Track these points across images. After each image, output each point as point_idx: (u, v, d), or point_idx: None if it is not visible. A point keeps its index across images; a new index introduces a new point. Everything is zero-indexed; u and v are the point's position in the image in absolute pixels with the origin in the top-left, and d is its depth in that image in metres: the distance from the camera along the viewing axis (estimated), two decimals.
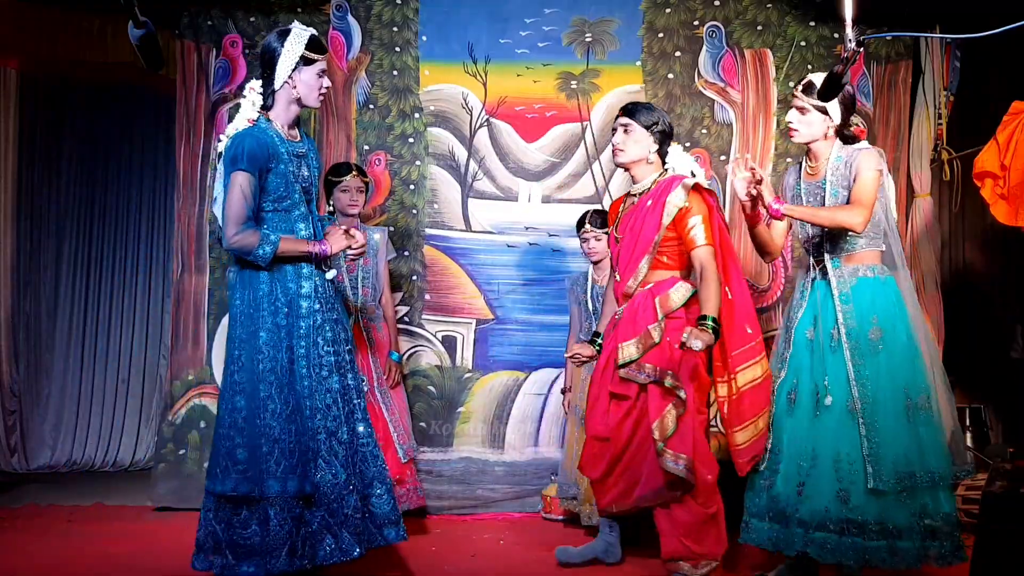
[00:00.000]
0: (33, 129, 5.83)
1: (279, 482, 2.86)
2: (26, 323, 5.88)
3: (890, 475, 2.93)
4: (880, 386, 3.01)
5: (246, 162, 2.88)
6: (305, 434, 2.91)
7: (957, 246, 5.17)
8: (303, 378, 2.94)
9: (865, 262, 3.15)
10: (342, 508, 2.93)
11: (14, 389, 5.74)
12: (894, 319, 3.07)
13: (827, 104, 3.09)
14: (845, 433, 3.01)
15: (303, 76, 2.99)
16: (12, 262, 5.66)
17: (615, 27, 4.82)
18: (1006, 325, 4.84)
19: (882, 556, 2.93)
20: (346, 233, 3.04)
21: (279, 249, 2.90)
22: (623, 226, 3.40)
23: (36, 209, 5.97)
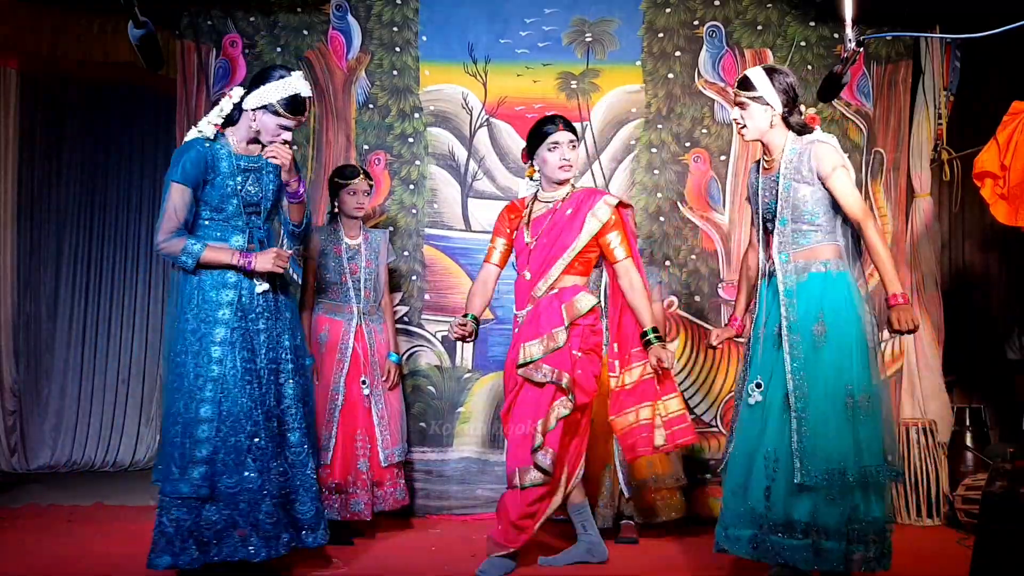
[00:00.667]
0: (33, 129, 5.83)
1: (171, 483, 2.99)
2: (26, 323, 5.88)
3: (819, 471, 2.85)
4: (818, 381, 2.93)
5: (180, 174, 3.04)
6: (199, 436, 3.00)
7: (957, 246, 5.17)
8: (209, 381, 3.03)
9: (818, 257, 3.05)
10: (253, 512, 3.02)
11: (14, 389, 5.74)
12: (843, 315, 2.97)
13: (764, 94, 3.06)
14: (778, 429, 2.96)
15: (265, 119, 3.10)
16: (12, 262, 5.65)
17: (615, 27, 4.82)
18: (1005, 326, 4.85)
19: (805, 557, 2.86)
20: (277, 256, 3.11)
21: (203, 257, 3.04)
22: (536, 229, 3.48)
23: (36, 209, 5.97)
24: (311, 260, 4.09)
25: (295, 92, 3.07)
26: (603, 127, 4.81)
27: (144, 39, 2.81)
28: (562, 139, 3.44)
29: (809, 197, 3.04)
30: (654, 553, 3.82)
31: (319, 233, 4.12)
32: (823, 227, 3.05)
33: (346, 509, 3.92)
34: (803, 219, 3.05)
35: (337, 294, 4.08)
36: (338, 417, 3.96)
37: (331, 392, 3.98)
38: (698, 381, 4.71)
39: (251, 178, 3.15)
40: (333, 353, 4.02)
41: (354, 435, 3.98)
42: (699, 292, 4.75)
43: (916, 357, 4.67)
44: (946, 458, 4.56)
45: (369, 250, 4.16)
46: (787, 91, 3.07)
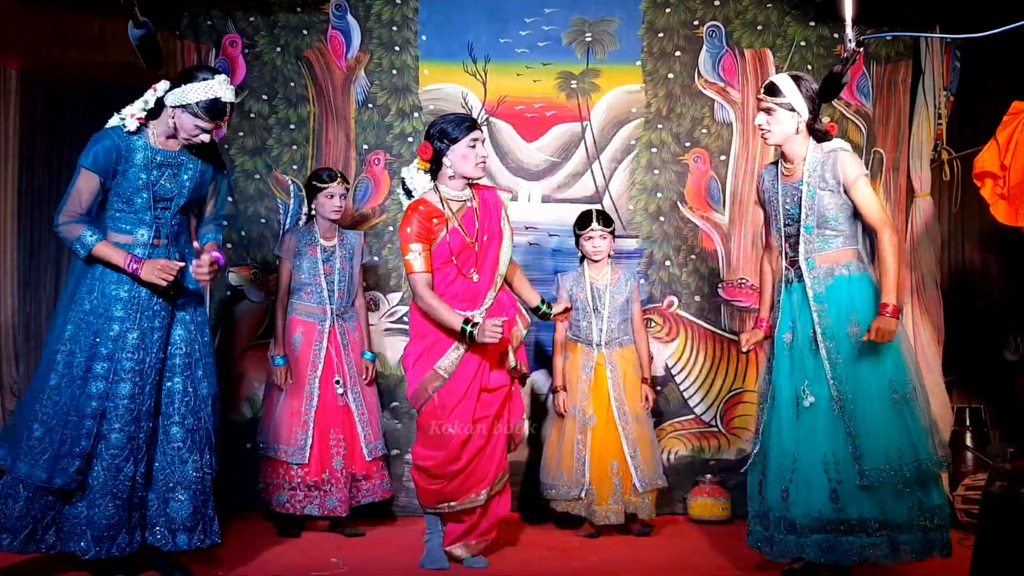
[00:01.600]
0: (33, 129, 5.81)
1: (31, 466, 2.96)
2: (26, 323, 5.86)
3: (879, 470, 2.94)
4: (862, 382, 3.02)
5: (91, 162, 3.05)
6: (82, 430, 2.99)
7: (957, 246, 5.16)
8: (98, 378, 3.02)
9: (840, 261, 3.14)
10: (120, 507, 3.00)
11: (14, 389, 5.74)
12: (874, 314, 3.03)
13: (792, 100, 3.12)
14: (831, 432, 3.01)
15: (183, 118, 3.08)
16: (13, 262, 5.64)
17: (615, 27, 4.81)
18: (1005, 326, 4.84)
19: (883, 552, 2.93)
20: (163, 268, 3.02)
21: (95, 250, 3.02)
22: (471, 230, 3.43)
23: (36, 209, 5.95)
24: (286, 261, 4.16)
25: (216, 96, 3.04)
26: (603, 127, 4.81)
27: (144, 39, 2.80)
28: (479, 137, 3.43)
29: (832, 204, 3.13)
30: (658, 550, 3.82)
31: (295, 235, 4.18)
32: (845, 232, 3.15)
33: (324, 506, 4.00)
34: (827, 225, 3.14)
35: (311, 295, 4.15)
36: (314, 417, 4.03)
37: (306, 393, 4.06)
38: (698, 381, 4.71)
39: (167, 173, 3.14)
40: (307, 355, 4.10)
41: (328, 435, 4.05)
42: (699, 292, 4.75)
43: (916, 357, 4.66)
44: None
45: (344, 251, 4.21)
46: (812, 98, 3.16)
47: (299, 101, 4.78)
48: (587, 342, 4.23)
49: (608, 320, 4.21)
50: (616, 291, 4.23)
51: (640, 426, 4.16)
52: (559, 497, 4.18)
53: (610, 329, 4.21)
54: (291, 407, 4.05)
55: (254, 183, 4.75)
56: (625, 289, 4.25)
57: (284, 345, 4.12)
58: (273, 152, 4.76)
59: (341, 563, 3.55)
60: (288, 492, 3.99)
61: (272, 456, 4.03)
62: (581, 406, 4.18)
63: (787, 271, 3.24)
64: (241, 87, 4.75)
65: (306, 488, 3.99)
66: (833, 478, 2.98)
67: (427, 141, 3.42)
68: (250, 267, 4.71)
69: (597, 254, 4.22)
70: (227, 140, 4.74)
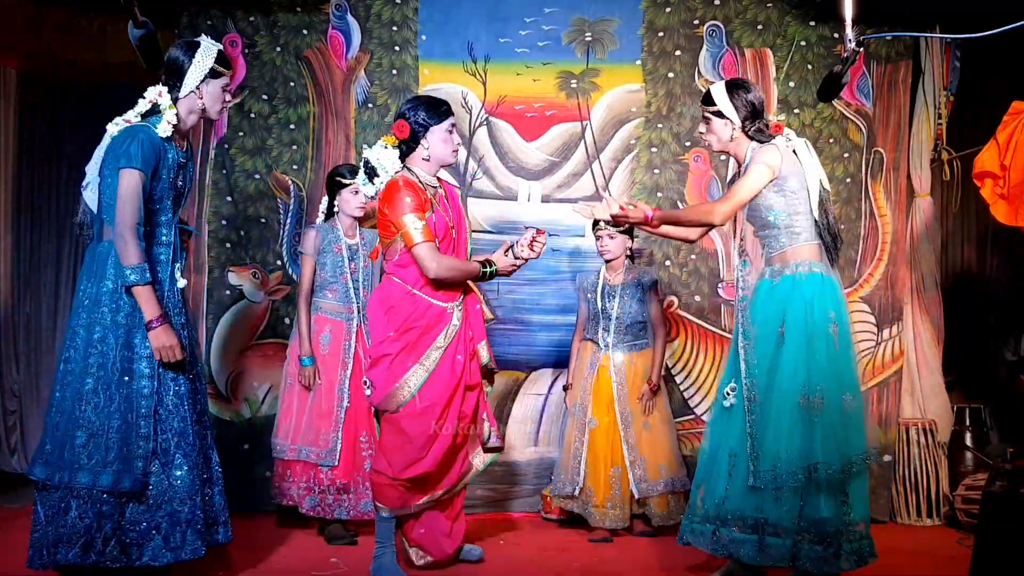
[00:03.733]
0: (33, 129, 5.83)
1: (89, 474, 2.87)
2: (26, 323, 5.87)
3: (767, 471, 2.92)
4: (772, 383, 2.98)
5: (140, 161, 2.90)
6: (134, 430, 2.92)
7: (957, 246, 5.17)
8: (144, 377, 2.95)
9: (792, 259, 3.10)
10: (185, 508, 2.95)
11: (14, 389, 5.74)
12: (810, 314, 2.99)
13: (722, 108, 3.15)
14: (741, 429, 3.06)
15: (210, 88, 3.07)
16: (12, 262, 5.65)
17: (615, 26, 4.81)
18: (1005, 326, 4.85)
19: (750, 552, 2.95)
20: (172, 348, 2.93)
21: (137, 289, 2.88)
22: (447, 215, 3.37)
23: (36, 209, 5.96)
24: (308, 258, 4.07)
25: (217, 48, 3.08)
26: (603, 126, 4.81)
27: (144, 39, 2.81)
28: (455, 122, 3.39)
29: (773, 202, 3.10)
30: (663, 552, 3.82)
31: (318, 232, 4.11)
32: (792, 228, 3.10)
33: (355, 509, 3.92)
34: (769, 223, 3.13)
35: (336, 293, 4.08)
36: (344, 419, 3.96)
37: (337, 394, 3.98)
38: (698, 381, 4.71)
39: (181, 173, 3.12)
40: (337, 354, 4.02)
41: (359, 437, 3.98)
42: (699, 292, 4.75)
43: (916, 357, 4.67)
44: (946, 458, 4.56)
45: (366, 249, 4.16)
46: (747, 105, 3.14)
47: (299, 101, 4.78)
48: (595, 342, 4.22)
49: (616, 321, 4.19)
50: (625, 292, 4.20)
51: (648, 432, 4.13)
52: (554, 492, 4.20)
53: (618, 332, 4.19)
54: (320, 408, 3.96)
55: (254, 183, 4.74)
56: (637, 291, 4.20)
57: (311, 344, 4.02)
58: (273, 152, 4.76)
59: (341, 563, 3.55)
60: (318, 495, 3.90)
61: (296, 458, 3.93)
62: (582, 406, 4.18)
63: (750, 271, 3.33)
64: (241, 87, 4.75)
65: (335, 491, 3.90)
66: (728, 471, 3.05)
67: (402, 120, 3.30)
68: (249, 267, 4.70)
69: (606, 253, 4.22)
70: (227, 140, 4.73)
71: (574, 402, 4.23)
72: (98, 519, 2.88)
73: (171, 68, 3.05)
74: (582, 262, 4.64)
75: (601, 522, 4.06)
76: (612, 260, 4.23)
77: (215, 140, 4.73)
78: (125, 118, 3.03)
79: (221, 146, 4.73)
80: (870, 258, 4.70)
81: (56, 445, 2.90)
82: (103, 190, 2.98)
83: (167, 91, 3.04)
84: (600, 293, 4.22)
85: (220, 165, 4.73)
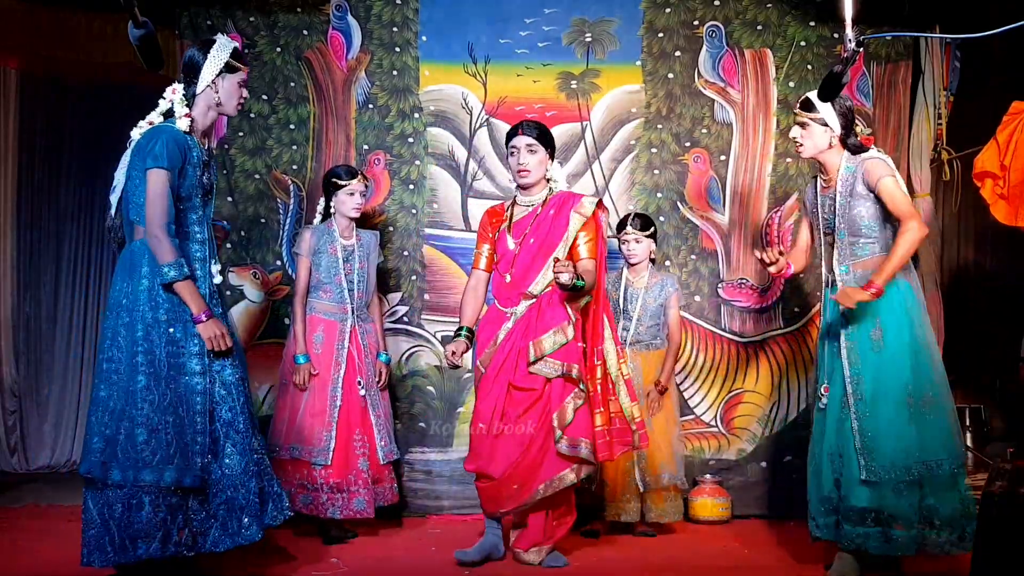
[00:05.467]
0: (33, 129, 5.83)
1: (155, 472, 2.90)
2: (26, 323, 5.88)
3: (882, 467, 3.09)
4: (877, 383, 3.15)
5: (167, 160, 2.95)
6: (191, 426, 2.96)
7: (957, 246, 5.17)
8: (195, 375, 2.99)
9: (875, 267, 3.22)
10: (239, 495, 3.00)
11: (14, 389, 5.74)
12: (898, 320, 3.19)
13: (825, 116, 3.27)
14: (838, 428, 3.20)
15: (225, 83, 3.12)
16: (12, 262, 5.66)
17: (615, 27, 4.81)
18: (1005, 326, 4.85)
19: (876, 542, 3.08)
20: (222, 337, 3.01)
21: (177, 286, 2.94)
22: (519, 233, 3.59)
23: (36, 209, 5.96)
24: (304, 259, 4.10)
25: (233, 45, 3.15)
26: (603, 127, 4.80)
27: (144, 39, 2.80)
28: (519, 144, 3.58)
29: (865, 212, 3.27)
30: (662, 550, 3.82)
31: (314, 233, 4.13)
32: (879, 239, 3.28)
33: (348, 508, 3.93)
34: (860, 232, 3.28)
35: (331, 294, 4.10)
36: (337, 418, 3.97)
37: (330, 393, 4.00)
38: (698, 381, 4.70)
39: (206, 170, 3.14)
40: (330, 354, 4.04)
41: (352, 436, 4.00)
42: (699, 292, 4.75)
43: None
44: None
45: (362, 251, 4.18)
46: (846, 114, 3.29)
47: (299, 101, 4.78)
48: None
49: (636, 323, 4.22)
50: (650, 295, 4.24)
51: (649, 431, 4.14)
52: None
53: (637, 332, 4.23)
54: (313, 407, 3.98)
55: (254, 183, 4.74)
56: (660, 295, 4.25)
57: (306, 343, 4.06)
58: (273, 152, 4.76)
59: (340, 563, 3.55)
60: (311, 493, 3.91)
61: (290, 457, 3.94)
62: None
63: (827, 275, 3.39)
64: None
65: (328, 490, 3.91)
66: (836, 469, 3.18)
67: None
68: (249, 267, 4.71)
69: (633, 257, 4.25)
70: (227, 140, 4.74)
71: None
72: (171, 512, 2.93)
73: (188, 66, 3.14)
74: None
75: (615, 515, 4.10)
76: (637, 263, 4.26)
77: (215, 140, 4.73)
78: (148, 120, 3.10)
79: (221, 146, 4.73)
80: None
81: (109, 442, 2.92)
82: (132, 192, 3.02)
83: (183, 88, 3.10)
84: (623, 293, 4.25)
85: (220, 165, 4.73)
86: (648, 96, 4.80)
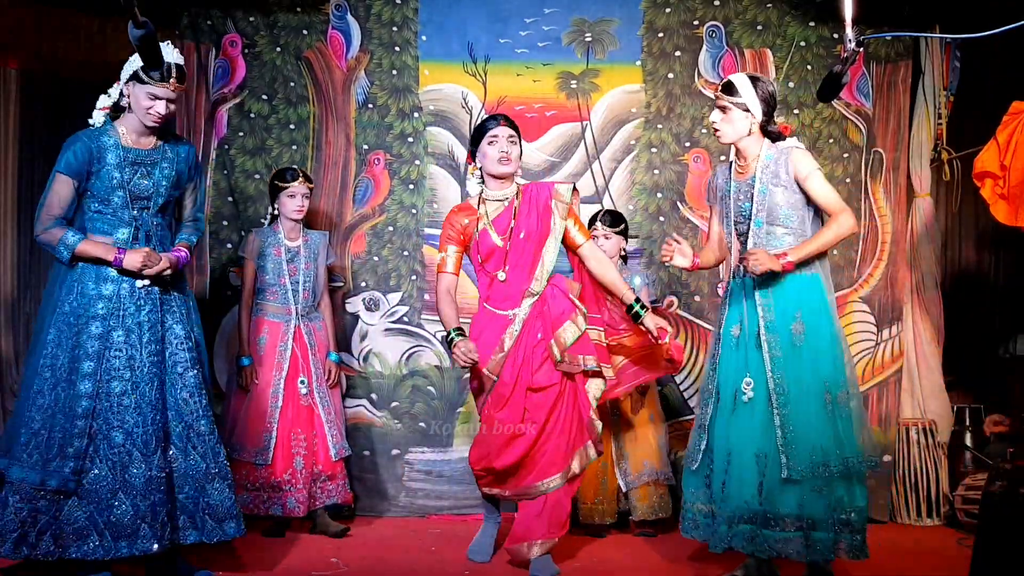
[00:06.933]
0: (33, 129, 5.81)
1: (23, 470, 2.95)
2: (26, 323, 5.87)
3: (804, 465, 2.97)
4: (799, 379, 3.05)
5: (63, 165, 3.06)
6: (74, 431, 2.97)
7: (957, 246, 5.17)
8: (86, 377, 3.00)
9: None
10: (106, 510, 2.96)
11: (14, 389, 5.74)
12: (818, 314, 3.11)
13: (747, 101, 3.15)
14: (766, 427, 3.06)
15: (134, 91, 3.08)
16: (13, 262, 5.65)
17: (615, 27, 4.81)
18: (1005, 326, 4.84)
19: (797, 548, 2.97)
20: (147, 255, 3.05)
21: (78, 250, 3.03)
22: (503, 229, 3.47)
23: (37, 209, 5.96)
24: (250, 262, 4.16)
25: (162, 55, 3.01)
26: (603, 127, 4.81)
27: (144, 39, 2.80)
28: (501, 133, 3.44)
29: (783, 201, 3.15)
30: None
31: (258, 236, 4.19)
32: (796, 230, 3.16)
33: (283, 507, 3.98)
34: (778, 222, 3.16)
35: (276, 296, 4.15)
36: (278, 418, 4.03)
37: (271, 394, 4.05)
38: (698, 381, 4.70)
39: (140, 171, 3.13)
40: (272, 356, 4.10)
41: (291, 435, 4.04)
42: (699, 292, 4.75)
43: (916, 357, 4.67)
44: (946, 458, 4.56)
45: (308, 252, 4.22)
46: (767, 100, 3.18)
47: (299, 101, 4.78)
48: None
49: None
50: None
51: (632, 429, 4.15)
52: None
53: None
54: (256, 408, 4.03)
55: (254, 183, 4.74)
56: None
57: (249, 346, 4.12)
58: (273, 152, 4.76)
59: (341, 563, 3.55)
60: (252, 493, 3.97)
61: (236, 458, 3.94)
62: None
63: (738, 266, 3.26)
64: (241, 87, 4.75)
65: (269, 489, 3.97)
66: (761, 471, 3.04)
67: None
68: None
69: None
70: (227, 140, 4.74)
71: None
72: (33, 515, 2.95)
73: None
74: None
75: (590, 518, 4.08)
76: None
77: (215, 140, 4.73)
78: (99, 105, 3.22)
79: (221, 146, 4.73)
80: (870, 258, 4.70)
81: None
82: None
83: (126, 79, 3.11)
84: None
85: (220, 165, 4.73)
86: (648, 96, 4.80)
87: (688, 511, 3.29)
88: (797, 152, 3.15)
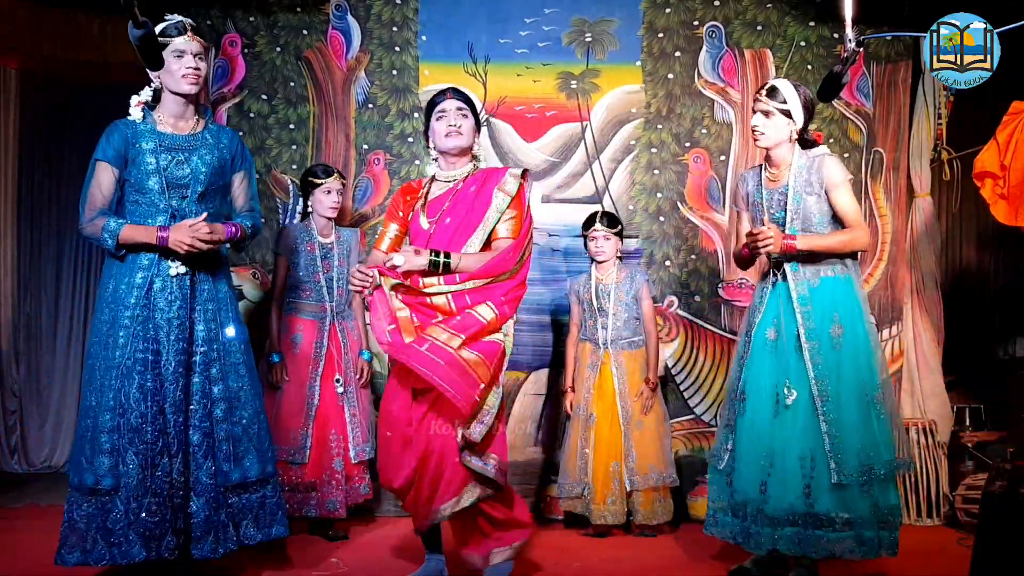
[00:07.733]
0: (33, 129, 5.83)
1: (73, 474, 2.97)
2: (26, 323, 5.88)
3: (852, 468, 3.03)
4: (841, 383, 3.10)
5: (100, 152, 3.05)
6: (104, 426, 2.94)
7: (957, 246, 5.17)
8: (118, 368, 2.97)
9: (827, 263, 3.20)
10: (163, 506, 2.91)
11: (14, 389, 5.75)
12: (853, 317, 3.16)
13: (791, 107, 3.17)
14: (809, 430, 3.08)
15: (168, 63, 3.03)
16: (13, 262, 5.66)
17: (615, 27, 4.81)
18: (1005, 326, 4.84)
19: (849, 547, 3.03)
20: (193, 229, 2.99)
21: (122, 236, 2.99)
22: (434, 212, 3.15)
23: (37, 209, 5.97)
24: (283, 257, 4.13)
25: (171, 20, 3.06)
26: (603, 127, 4.81)
27: (144, 39, 2.80)
28: (448, 106, 3.14)
29: (816, 208, 3.19)
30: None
31: (292, 231, 4.16)
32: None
33: (322, 507, 3.95)
34: (812, 228, 3.20)
35: (310, 293, 4.12)
36: (314, 417, 4.00)
37: (307, 392, 4.02)
38: (698, 381, 4.70)
39: (177, 156, 3.09)
40: (308, 353, 4.06)
41: (328, 435, 4.02)
42: (699, 292, 4.75)
43: (916, 357, 4.67)
44: (946, 458, 4.56)
45: (341, 249, 4.20)
46: (808, 107, 3.21)
47: (299, 101, 4.78)
48: (593, 341, 4.25)
49: (613, 319, 4.22)
50: (620, 290, 4.24)
51: (640, 430, 4.16)
52: (562, 495, 4.21)
53: (616, 328, 4.22)
54: (290, 406, 3.99)
55: None
56: (631, 288, 4.25)
57: (280, 342, 4.09)
58: (273, 152, 4.76)
59: (340, 563, 3.55)
60: (285, 493, 3.90)
61: None
62: (585, 404, 4.20)
63: (772, 272, 3.28)
64: (241, 87, 4.75)
65: (304, 489, 3.93)
66: (807, 474, 3.06)
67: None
68: (249, 267, 4.71)
69: (599, 254, 4.25)
70: None
71: (577, 404, 4.24)
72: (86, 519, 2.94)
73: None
74: (583, 262, 4.63)
75: (602, 518, 4.08)
76: (604, 261, 4.25)
77: None
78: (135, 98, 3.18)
79: None
80: (870, 258, 4.70)
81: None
82: None
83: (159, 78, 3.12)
84: (595, 293, 4.25)
85: None
86: (648, 96, 4.80)
87: (711, 509, 3.35)
88: (830, 160, 3.19)
